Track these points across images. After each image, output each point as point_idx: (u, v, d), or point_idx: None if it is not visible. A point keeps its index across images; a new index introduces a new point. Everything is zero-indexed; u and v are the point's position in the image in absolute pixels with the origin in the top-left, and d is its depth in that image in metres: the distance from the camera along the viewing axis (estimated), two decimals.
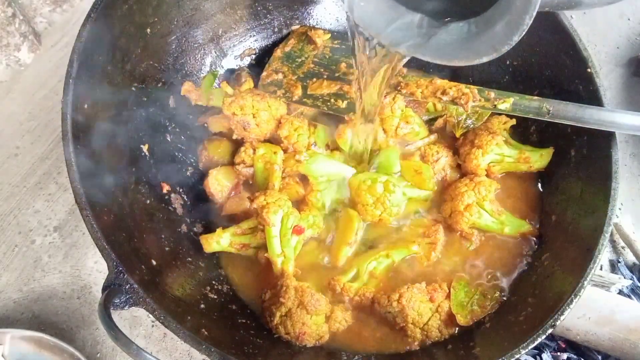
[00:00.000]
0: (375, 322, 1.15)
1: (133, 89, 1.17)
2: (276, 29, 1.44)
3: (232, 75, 1.41)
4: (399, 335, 1.13)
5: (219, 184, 1.26)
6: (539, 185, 1.30)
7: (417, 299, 1.11)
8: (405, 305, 1.09)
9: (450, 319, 1.13)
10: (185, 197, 1.27)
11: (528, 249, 1.22)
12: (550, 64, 1.25)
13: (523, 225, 1.23)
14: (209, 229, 1.24)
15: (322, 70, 1.33)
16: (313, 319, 1.10)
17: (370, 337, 1.14)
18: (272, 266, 1.16)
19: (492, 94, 1.17)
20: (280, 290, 1.11)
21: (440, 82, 1.22)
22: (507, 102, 1.15)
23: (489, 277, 1.20)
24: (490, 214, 1.22)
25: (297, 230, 1.17)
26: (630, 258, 1.44)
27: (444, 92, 1.20)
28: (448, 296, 1.14)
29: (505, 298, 1.16)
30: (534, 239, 1.23)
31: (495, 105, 1.16)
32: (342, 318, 1.13)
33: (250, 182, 1.28)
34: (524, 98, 1.15)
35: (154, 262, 1.04)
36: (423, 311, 1.11)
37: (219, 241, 1.18)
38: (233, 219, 1.24)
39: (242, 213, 1.24)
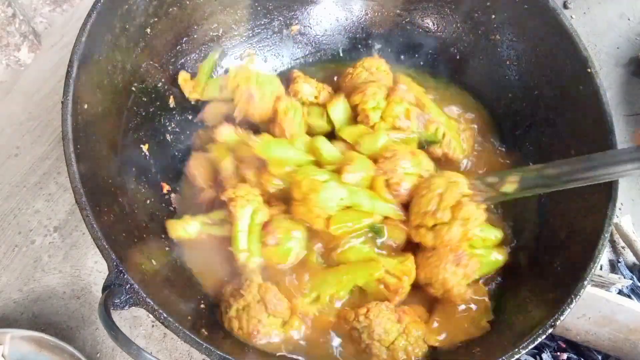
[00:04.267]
0: (338, 337, 1.09)
1: (133, 88, 1.17)
2: (276, 29, 1.44)
3: None
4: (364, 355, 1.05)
5: (201, 166, 1.22)
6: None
7: (385, 316, 1.04)
8: (372, 320, 1.03)
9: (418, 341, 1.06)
10: None
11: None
12: (550, 64, 1.25)
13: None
14: None
15: None
16: (270, 320, 1.03)
17: (333, 352, 1.07)
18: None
19: (495, 178, 1.08)
20: (243, 284, 1.05)
21: None
22: (512, 184, 1.05)
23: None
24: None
25: (268, 231, 1.10)
26: (630, 258, 1.44)
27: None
28: (416, 320, 1.07)
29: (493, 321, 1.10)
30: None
31: (501, 191, 1.06)
32: (300, 326, 1.06)
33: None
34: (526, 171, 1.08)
35: (154, 262, 1.04)
36: (390, 329, 1.03)
37: (186, 228, 1.12)
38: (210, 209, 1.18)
39: (216, 202, 1.17)
